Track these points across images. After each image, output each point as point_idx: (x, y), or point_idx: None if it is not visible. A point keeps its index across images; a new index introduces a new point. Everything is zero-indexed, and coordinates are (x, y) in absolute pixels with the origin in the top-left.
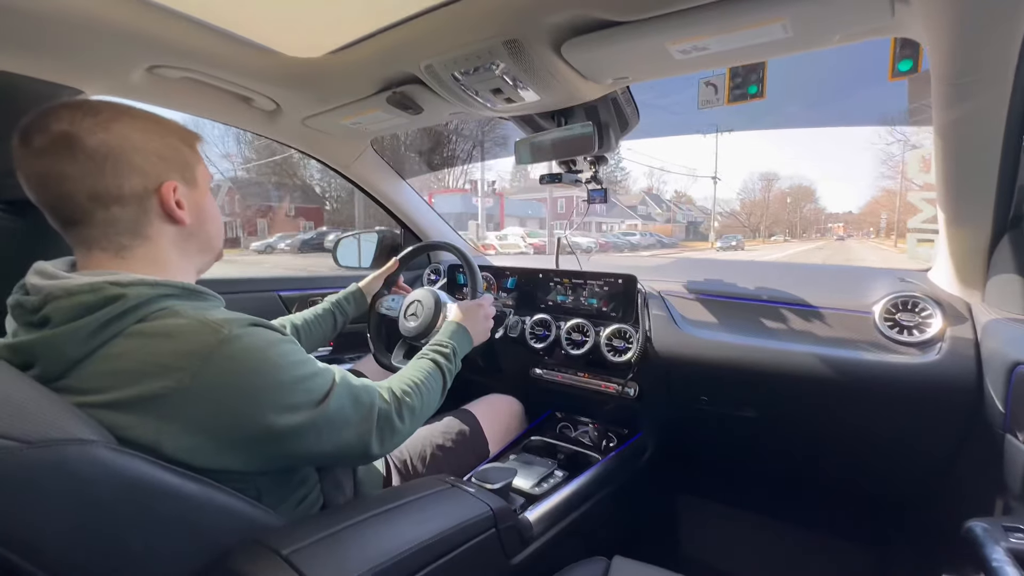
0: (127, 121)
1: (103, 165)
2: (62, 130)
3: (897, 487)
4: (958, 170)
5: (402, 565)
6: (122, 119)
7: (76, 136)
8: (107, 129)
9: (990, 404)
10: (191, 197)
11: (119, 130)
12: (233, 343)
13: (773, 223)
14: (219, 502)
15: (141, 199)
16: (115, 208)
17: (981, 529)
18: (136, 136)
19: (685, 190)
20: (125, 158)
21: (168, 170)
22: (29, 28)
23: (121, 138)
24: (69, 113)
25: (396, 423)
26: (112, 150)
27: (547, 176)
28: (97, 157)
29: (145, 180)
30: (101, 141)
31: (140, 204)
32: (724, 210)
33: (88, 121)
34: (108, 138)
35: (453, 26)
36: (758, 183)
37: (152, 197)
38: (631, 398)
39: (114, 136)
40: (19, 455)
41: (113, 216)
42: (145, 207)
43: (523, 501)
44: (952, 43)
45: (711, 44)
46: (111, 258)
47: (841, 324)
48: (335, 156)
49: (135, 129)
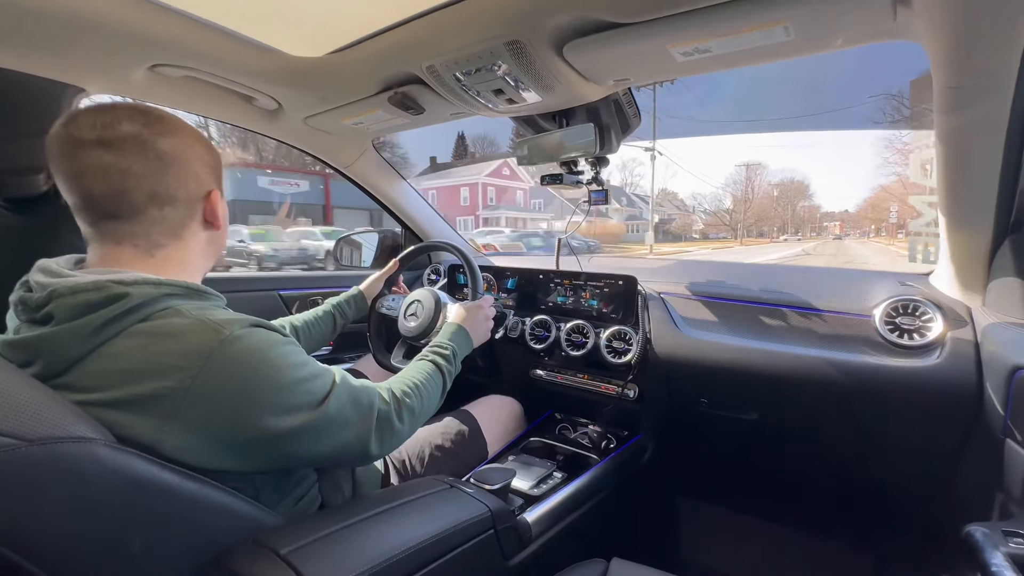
0: (189, 131)
1: (169, 167)
2: (134, 130)
3: (896, 491)
4: (959, 174)
5: (400, 565)
6: (185, 128)
7: (148, 138)
8: (176, 136)
9: (990, 408)
10: (221, 204)
11: (185, 138)
12: (234, 344)
13: (759, 220)
14: (218, 501)
15: (192, 203)
16: (167, 208)
17: (981, 534)
18: (197, 145)
19: (665, 183)
20: (188, 164)
21: (213, 179)
22: (32, 26)
23: (187, 145)
24: (139, 115)
25: (396, 424)
26: (179, 155)
27: (548, 177)
28: (166, 159)
29: (200, 186)
30: (172, 146)
31: (190, 207)
32: (707, 207)
33: (158, 126)
34: (178, 144)
35: (455, 27)
36: (741, 175)
37: (201, 203)
38: (631, 399)
39: (182, 143)
40: (19, 453)
41: (163, 215)
42: (193, 211)
43: (522, 502)
44: (953, 48)
45: (713, 46)
46: (140, 255)
47: (842, 327)
48: (336, 156)
49: (196, 139)
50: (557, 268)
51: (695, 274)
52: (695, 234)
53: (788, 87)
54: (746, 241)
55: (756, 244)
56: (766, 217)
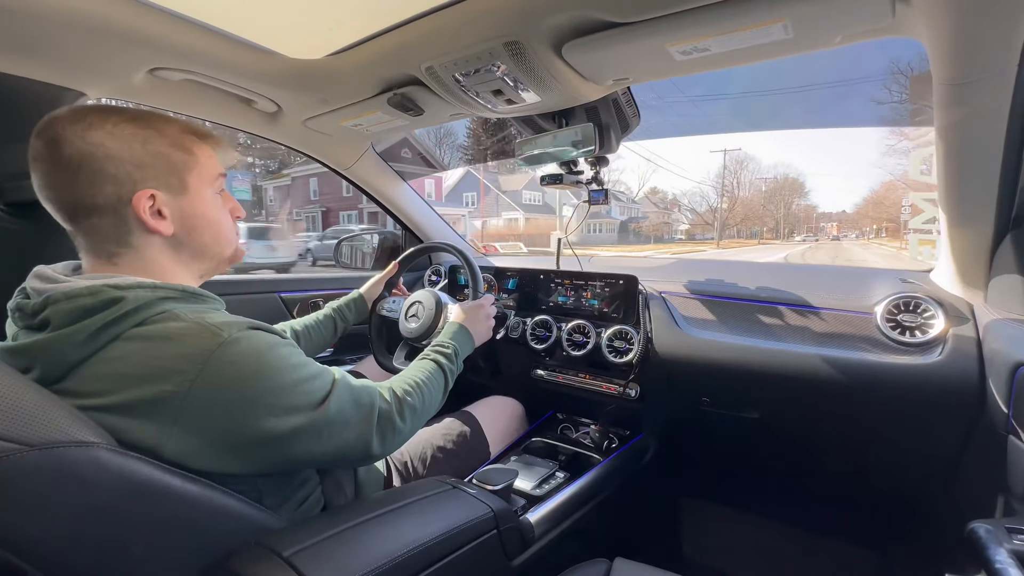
0: (108, 128)
1: (77, 175)
2: (48, 137)
3: (899, 488)
4: (960, 171)
5: (403, 566)
6: (104, 126)
7: (57, 144)
8: (83, 138)
9: (993, 405)
10: (176, 205)
11: (95, 138)
12: (232, 346)
13: (745, 220)
14: (220, 504)
15: (116, 209)
16: (94, 217)
17: (984, 531)
18: (112, 144)
19: (644, 179)
20: (97, 167)
21: (145, 179)
22: (31, 30)
23: (94, 146)
24: (59, 121)
25: (397, 423)
26: (85, 159)
27: (548, 177)
28: (72, 166)
29: (119, 189)
30: (76, 150)
31: (116, 214)
32: (687, 203)
33: (70, 129)
34: (83, 146)
35: (454, 28)
36: (726, 167)
37: (127, 207)
38: (632, 399)
39: (88, 145)
40: (20, 457)
41: (93, 225)
42: (122, 216)
43: (524, 502)
44: (953, 44)
45: (712, 45)
46: (105, 264)
47: (843, 325)
48: (336, 157)
49: (114, 136)
50: (558, 268)
51: (695, 273)
52: (679, 235)
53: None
54: (725, 244)
55: (737, 247)
56: (752, 216)
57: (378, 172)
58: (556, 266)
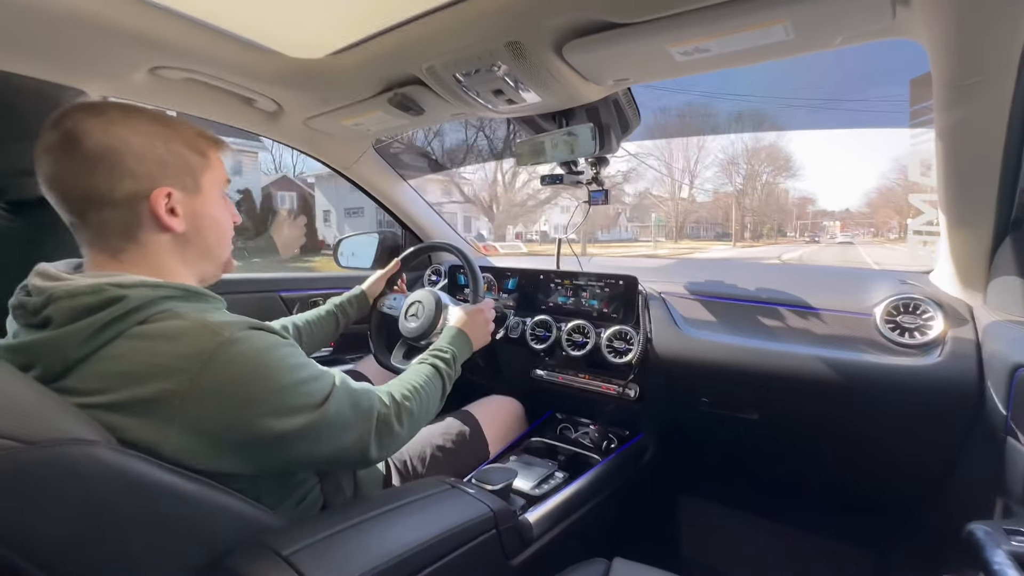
0: (131, 124)
1: (97, 166)
2: (66, 129)
3: (898, 489)
4: (959, 173)
5: (402, 566)
6: (127, 121)
7: (76, 136)
8: (106, 131)
9: (991, 407)
10: (189, 204)
11: (119, 132)
12: (233, 346)
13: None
14: (219, 503)
15: (131, 203)
16: (106, 210)
17: (982, 532)
18: (135, 140)
19: (623, 176)
20: (119, 161)
21: (164, 176)
22: (32, 29)
23: (119, 141)
24: (79, 113)
25: (395, 427)
26: (107, 152)
27: (548, 177)
28: (93, 158)
29: (137, 184)
30: (98, 142)
31: (131, 208)
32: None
33: (92, 122)
34: (105, 140)
35: (455, 28)
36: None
37: (143, 202)
38: (632, 399)
39: (112, 138)
40: (21, 455)
41: (104, 218)
42: (136, 211)
43: (523, 502)
44: (953, 46)
45: (712, 46)
46: (108, 260)
47: (842, 326)
48: (336, 157)
49: (137, 133)
50: (558, 268)
51: (695, 274)
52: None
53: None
54: (684, 243)
55: (698, 248)
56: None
57: (379, 172)
58: (556, 266)
